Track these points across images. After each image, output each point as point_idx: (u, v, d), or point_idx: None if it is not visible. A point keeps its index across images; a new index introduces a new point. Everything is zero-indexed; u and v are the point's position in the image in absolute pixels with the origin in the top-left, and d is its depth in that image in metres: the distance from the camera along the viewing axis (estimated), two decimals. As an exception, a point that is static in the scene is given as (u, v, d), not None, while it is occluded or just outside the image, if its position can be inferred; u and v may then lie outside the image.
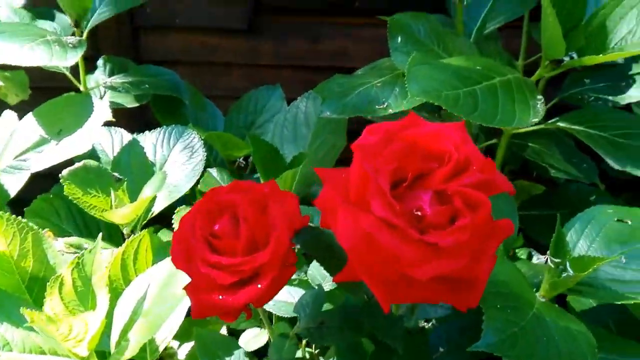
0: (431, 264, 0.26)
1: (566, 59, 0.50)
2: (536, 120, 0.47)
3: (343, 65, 1.28)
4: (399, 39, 0.59)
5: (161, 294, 0.53)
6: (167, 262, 0.56)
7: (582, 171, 0.67)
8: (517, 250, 0.96)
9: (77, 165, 0.66)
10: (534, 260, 0.96)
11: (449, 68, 0.48)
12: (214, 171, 0.82)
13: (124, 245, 0.62)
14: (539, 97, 0.51)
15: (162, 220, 0.74)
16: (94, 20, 0.80)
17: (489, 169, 0.28)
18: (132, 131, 1.01)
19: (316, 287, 0.50)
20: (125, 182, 0.67)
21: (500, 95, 0.48)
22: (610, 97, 0.74)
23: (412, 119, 0.31)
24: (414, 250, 0.26)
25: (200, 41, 1.27)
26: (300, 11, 1.25)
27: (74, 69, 0.86)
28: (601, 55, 0.48)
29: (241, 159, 0.87)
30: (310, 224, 0.39)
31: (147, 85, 0.82)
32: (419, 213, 0.27)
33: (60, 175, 0.65)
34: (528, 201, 0.78)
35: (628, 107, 0.76)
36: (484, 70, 0.49)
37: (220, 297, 0.37)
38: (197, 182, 0.80)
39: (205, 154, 0.71)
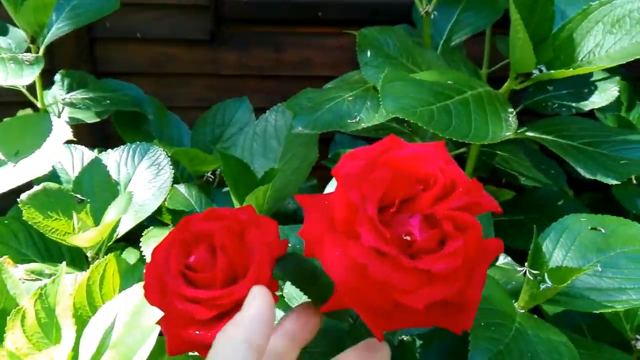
0: (425, 290, 0.26)
1: (535, 72, 0.51)
2: (509, 134, 0.47)
3: (307, 74, 1.27)
4: (369, 53, 0.59)
5: (131, 323, 0.50)
6: (136, 289, 0.54)
7: (551, 177, 0.68)
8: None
9: (36, 188, 0.63)
10: (501, 260, 0.98)
11: (422, 84, 0.48)
12: (181, 187, 0.79)
13: (89, 270, 0.59)
14: (510, 110, 0.51)
15: (128, 238, 0.72)
16: (52, 36, 0.77)
17: (476, 190, 0.28)
18: (93, 146, 0.98)
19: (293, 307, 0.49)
20: (89, 204, 0.65)
21: (472, 110, 0.48)
22: (573, 104, 0.75)
23: (391, 140, 0.30)
24: (407, 278, 0.26)
25: (161, 52, 1.24)
26: (263, 21, 1.24)
27: (30, 84, 0.83)
28: (571, 69, 0.48)
29: (209, 173, 0.85)
30: (290, 251, 0.38)
31: (108, 101, 0.79)
32: (408, 238, 0.27)
33: (18, 199, 0.61)
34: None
35: (591, 112, 0.79)
36: (455, 85, 0.49)
37: (198, 332, 0.35)
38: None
39: (173, 171, 0.69)
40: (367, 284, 0.26)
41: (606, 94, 0.72)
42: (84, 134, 1.32)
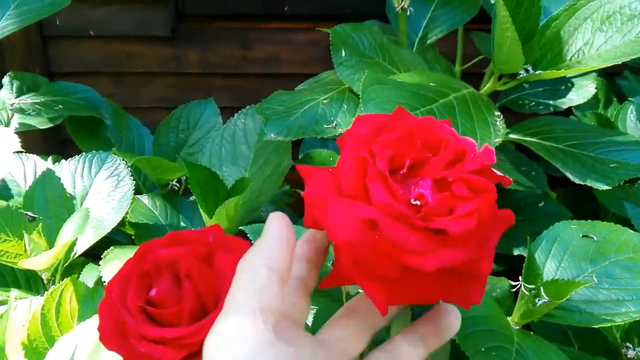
0: (438, 253, 0.24)
1: (522, 72, 0.48)
2: (498, 140, 0.44)
3: (276, 72, 1.23)
4: (343, 52, 0.55)
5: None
6: (95, 321, 0.49)
7: (532, 179, 0.66)
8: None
9: (-19, 207, 0.57)
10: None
11: (404, 87, 0.44)
12: (144, 198, 0.74)
13: (42, 298, 0.54)
14: (497, 113, 0.48)
15: (88, 252, 0.66)
16: (-4, 35, 0.71)
17: (489, 155, 0.27)
18: (48, 152, 0.91)
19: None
20: (41, 222, 0.59)
21: (458, 114, 0.45)
22: (550, 102, 0.73)
23: (401, 112, 0.29)
24: (420, 239, 0.24)
25: (119, 50, 1.17)
26: (228, 17, 1.19)
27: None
28: (562, 69, 0.46)
29: (174, 181, 0.80)
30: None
31: (60, 106, 0.73)
32: (418, 202, 0.25)
33: (-40, 221, 0.55)
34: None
35: (568, 110, 0.77)
36: (438, 87, 0.46)
37: (167, 378, 0.31)
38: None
39: (134, 182, 0.64)
40: (374, 246, 0.25)
41: (583, 91, 0.70)
42: (38, 140, 1.25)
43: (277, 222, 0.27)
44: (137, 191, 0.79)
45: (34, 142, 1.23)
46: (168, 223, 0.73)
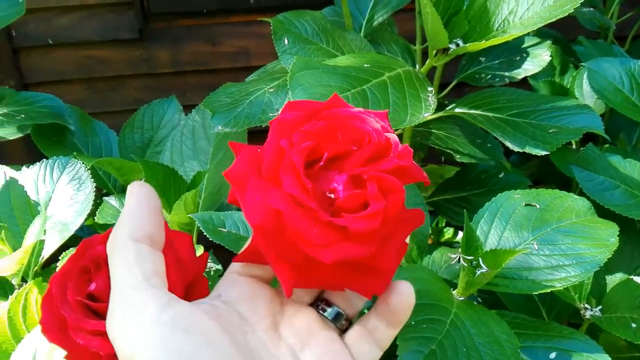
0: (337, 247, 0.25)
1: (452, 46, 0.48)
2: (428, 114, 0.45)
3: (246, 65, 1.23)
4: (286, 40, 0.56)
5: (50, 355, 0.47)
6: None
7: (487, 151, 0.66)
8: (445, 230, 0.96)
9: (-58, 219, 0.58)
10: (459, 236, 0.97)
11: (335, 70, 0.45)
12: (112, 199, 0.75)
13: (7, 302, 0.55)
14: (430, 88, 0.48)
15: (59, 258, 0.68)
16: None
17: (406, 156, 0.27)
18: (30, 162, 0.92)
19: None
20: (4, 229, 0.60)
21: (390, 92, 0.45)
22: (506, 73, 0.74)
23: (336, 100, 0.29)
24: (322, 232, 0.25)
25: (89, 55, 1.18)
26: (194, 14, 1.19)
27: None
28: (484, 40, 0.46)
29: (143, 181, 0.81)
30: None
31: (22, 116, 0.73)
32: (332, 195, 0.26)
33: None
34: (441, 185, 0.77)
35: (524, 80, 0.77)
36: (372, 67, 0.47)
37: (108, 369, 0.32)
38: (94, 213, 0.74)
39: (94, 184, 0.65)
40: (281, 232, 0.25)
41: (538, 59, 0.70)
42: (20, 150, 1.26)
43: (135, 192, 0.27)
44: (108, 193, 0.80)
45: (17, 153, 1.24)
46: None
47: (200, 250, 0.59)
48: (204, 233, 0.55)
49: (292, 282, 0.27)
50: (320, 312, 0.30)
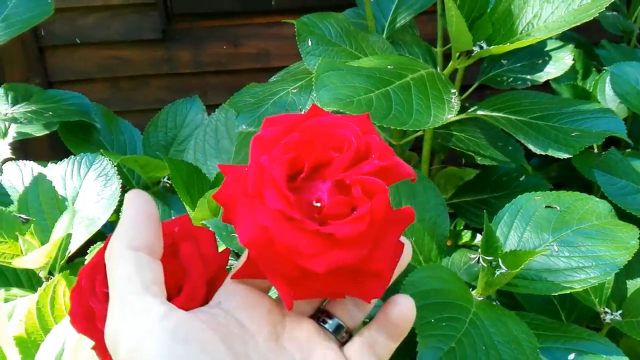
0: (328, 255, 0.25)
1: (476, 49, 0.49)
2: (451, 116, 0.45)
3: (266, 66, 1.24)
4: (309, 41, 0.57)
5: (77, 347, 0.48)
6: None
7: (508, 154, 0.66)
8: (463, 233, 0.96)
9: (-25, 212, 0.60)
10: (478, 239, 0.97)
11: (360, 71, 0.46)
12: (136, 196, 0.77)
13: (36, 294, 0.57)
14: (453, 90, 0.49)
15: (86, 252, 0.69)
16: (-16, 49, 0.73)
17: (387, 155, 0.27)
18: (56, 158, 0.94)
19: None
20: (33, 224, 0.62)
21: (414, 94, 0.46)
22: (528, 76, 0.74)
23: (314, 110, 0.29)
24: (311, 242, 0.25)
25: (113, 55, 1.20)
26: (216, 15, 1.21)
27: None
28: (508, 43, 0.47)
29: (166, 179, 0.82)
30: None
31: (51, 113, 0.75)
32: (319, 204, 0.26)
33: (-45, 226, 0.58)
34: (461, 187, 0.77)
35: (546, 83, 0.77)
36: (395, 69, 0.47)
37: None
38: (118, 210, 0.75)
39: (121, 181, 0.66)
40: (273, 248, 0.25)
41: (560, 63, 0.70)
42: (45, 148, 1.29)
43: (132, 200, 0.27)
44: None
45: (42, 150, 1.27)
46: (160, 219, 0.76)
47: (222, 246, 0.60)
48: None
49: (291, 294, 0.27)
50: (321, 324, 0.30)
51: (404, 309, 0.29)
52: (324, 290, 0.28)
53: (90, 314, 0.37)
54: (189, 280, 0.34)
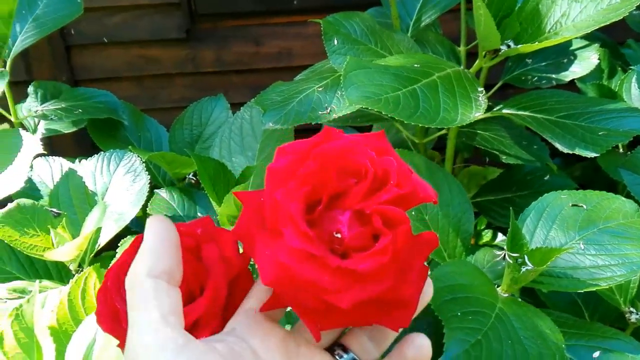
0: (352, 290, 0.25)
1: (503, 47, 0.49)
2: (479, 114, 0.46)
3: (288, 65, 1.25)
4: (335, 40, 0.57)
5: (108, 339, 0.49)
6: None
7: (533, 153, 0.66)
8: (483, 233, 0.96)
9: (10, 206, 0.62)
10: (500, 238, 0.96)
11: (387, 70, 0.46)
12: (163, 192, 0.78)
13: (68, 285, 0.59)
14: (480, 89, 0.49)
15: (115, 246, 0.71)
16: (17, 48, 0.75)
17: (406, 180, 0.26)
18: (81, 154, 0.96)
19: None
20: (65, 217, 0.64)
21: (441, 92, 0.46)
22: (553, 75, 0.73)
23: (326, 133, 0.28)
24: (333, 279, 0.25)
25: (139, 54, 1.22)
26: (239, 15, 1.22)
27: (3, 98, 0.81)
28: (537, 42, 0.47)
29: (191, 175, 0.84)
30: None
31: (80, 110, 0.77)
32: (339, 235, 0.26)
33: (-8, 219, 0.60)
34: (485, 186, 0.77)
35: (572, 83, 0.77)
36: (422, 67, 0.48)
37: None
38: (145, 205, 0.77)
39: (149, 176, 0.68)
40: (295, 284, 0.25)
41: (586, 62, 0.70)
42: (70, 144, 1.31)
43: (152, 227, 0.27)
44: (157, 186, 0.84)
45: (66, 147, 1.29)
46: (185, 214, 0.77)
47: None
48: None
49: (317, 326, 0.27)
50: (337, 357, 0.29)
51: (421, 348, 0.28)
52: (350, 321, 0.27)
53: (115, 314, 0.37)
54: (211, 281, 0.35)
